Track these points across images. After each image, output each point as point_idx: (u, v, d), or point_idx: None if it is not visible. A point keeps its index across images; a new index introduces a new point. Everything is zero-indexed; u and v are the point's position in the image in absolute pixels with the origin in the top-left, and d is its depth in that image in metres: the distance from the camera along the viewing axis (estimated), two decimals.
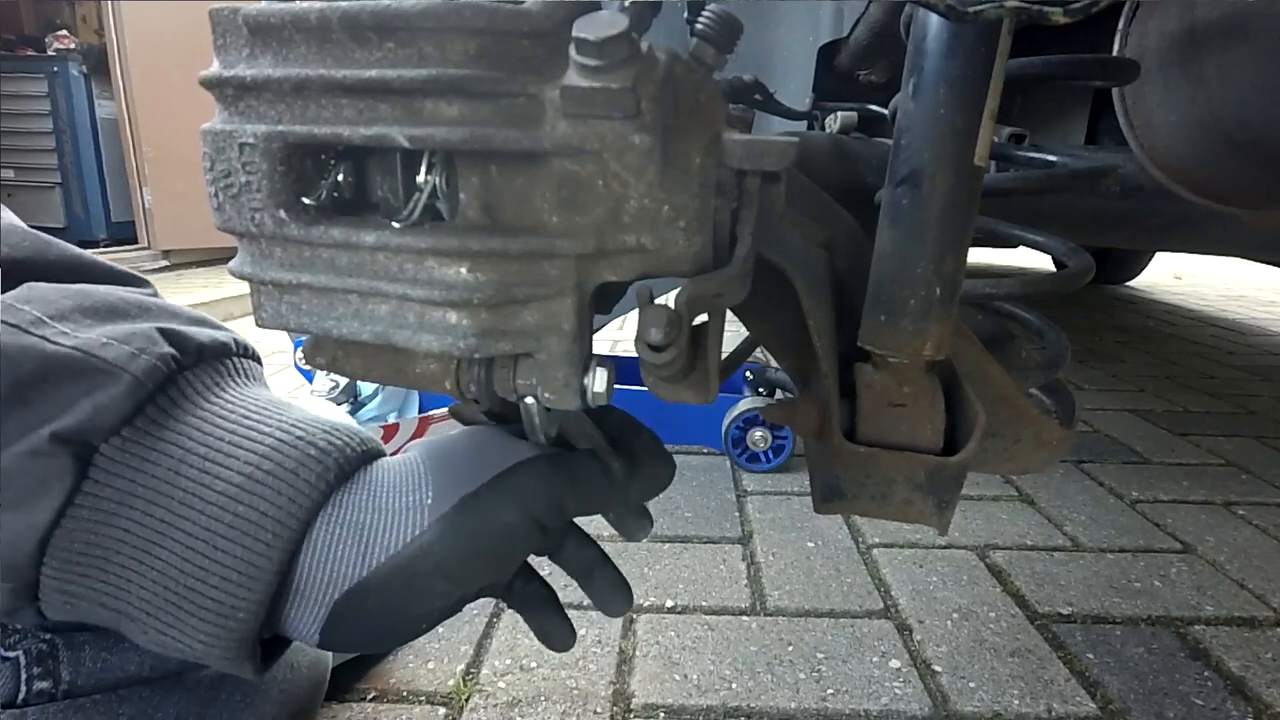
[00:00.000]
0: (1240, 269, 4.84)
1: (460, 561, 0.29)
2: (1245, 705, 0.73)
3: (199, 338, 0.32)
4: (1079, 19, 0.27)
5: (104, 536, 0.27)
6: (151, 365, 0.29)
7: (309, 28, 0.23)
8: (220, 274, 3.52)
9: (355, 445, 0.32)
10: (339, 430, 0.32)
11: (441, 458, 0.32)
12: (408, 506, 0.30)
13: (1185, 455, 1.44)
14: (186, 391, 0.30)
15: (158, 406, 0.29)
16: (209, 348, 0.32)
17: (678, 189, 0.24)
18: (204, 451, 0.29)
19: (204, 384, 0.31)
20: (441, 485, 0.31)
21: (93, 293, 0.32)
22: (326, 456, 0.30)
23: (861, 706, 0.71)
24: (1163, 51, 0.55)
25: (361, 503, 0.30)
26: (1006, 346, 0.48)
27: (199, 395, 0.31)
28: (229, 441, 0.29)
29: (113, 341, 0.29)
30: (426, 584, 0.29)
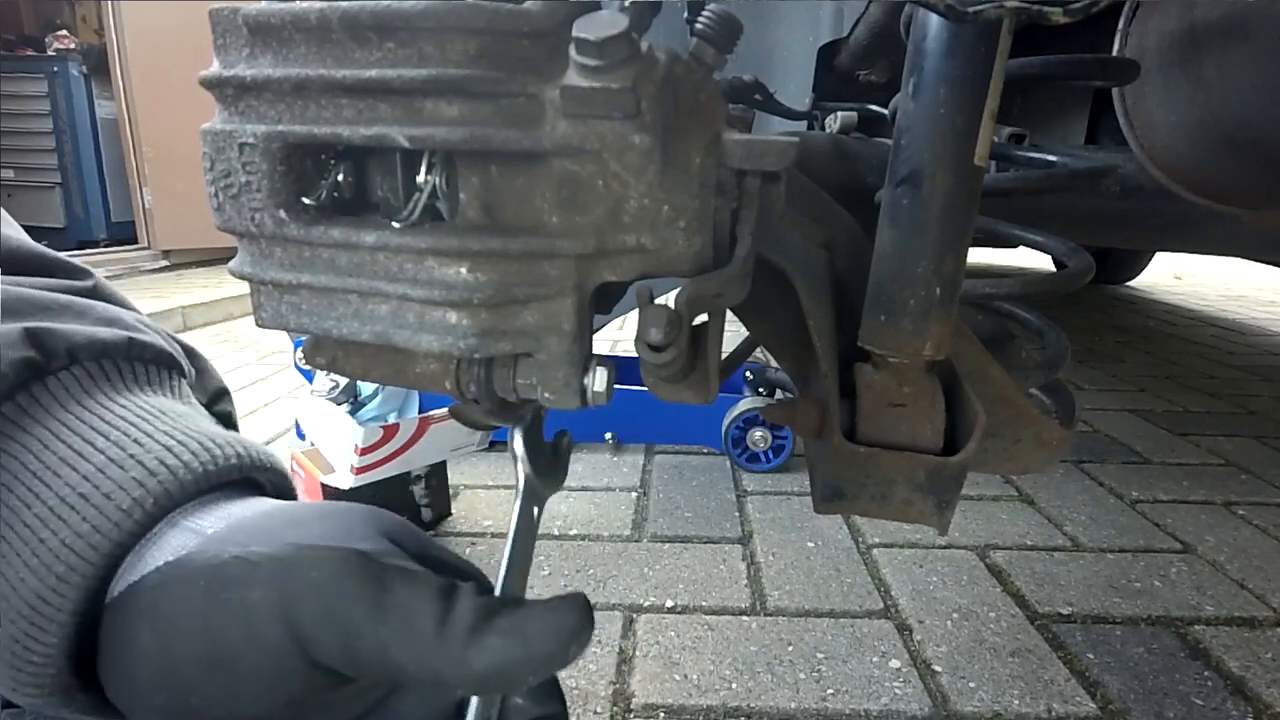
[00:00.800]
0: (1240, 269, 4.84)
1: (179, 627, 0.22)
2: (1245, 705, 0.73)
3: (74, 339, 0.28)
4: (1079, 19, 0.27)
5: None
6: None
7: (309, 28, 0.23)
8: (220, 274, 3.52)
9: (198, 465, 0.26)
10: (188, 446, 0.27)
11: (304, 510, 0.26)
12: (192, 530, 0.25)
13: (1185, 455, 1.43)
14: (43, 399, 0.27)
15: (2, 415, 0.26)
16: (86, 349, 0.29)
17: (678, 189, 0.24)
18: (36, 468, 0.25)
19: (69, 391, 0.28)
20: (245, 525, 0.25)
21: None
22: (151, 478, 0.25)
23: (861, 706, 0.71)
24: (1163, 51, 0.55)
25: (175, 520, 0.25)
26: (1006, 346, 0.48)
27: (58, 404, 0.27)
28: (61, 457, 0.25)
29: None
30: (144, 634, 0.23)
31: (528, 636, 0.22)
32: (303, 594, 0.22)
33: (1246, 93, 0.50)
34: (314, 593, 0.22)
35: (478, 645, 0.21)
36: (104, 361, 0.29)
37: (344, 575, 0.22)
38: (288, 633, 0.22)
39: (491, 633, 0.21)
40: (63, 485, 0.24)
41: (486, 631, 0.21)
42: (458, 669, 0.21)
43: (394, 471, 0.98)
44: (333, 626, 0.21)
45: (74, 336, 0.28)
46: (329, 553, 0.23)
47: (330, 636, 0.21)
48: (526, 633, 0.22)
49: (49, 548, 0.24)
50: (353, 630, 0.21)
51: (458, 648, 0.21)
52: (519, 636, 0.22)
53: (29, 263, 0.33)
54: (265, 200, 0.24)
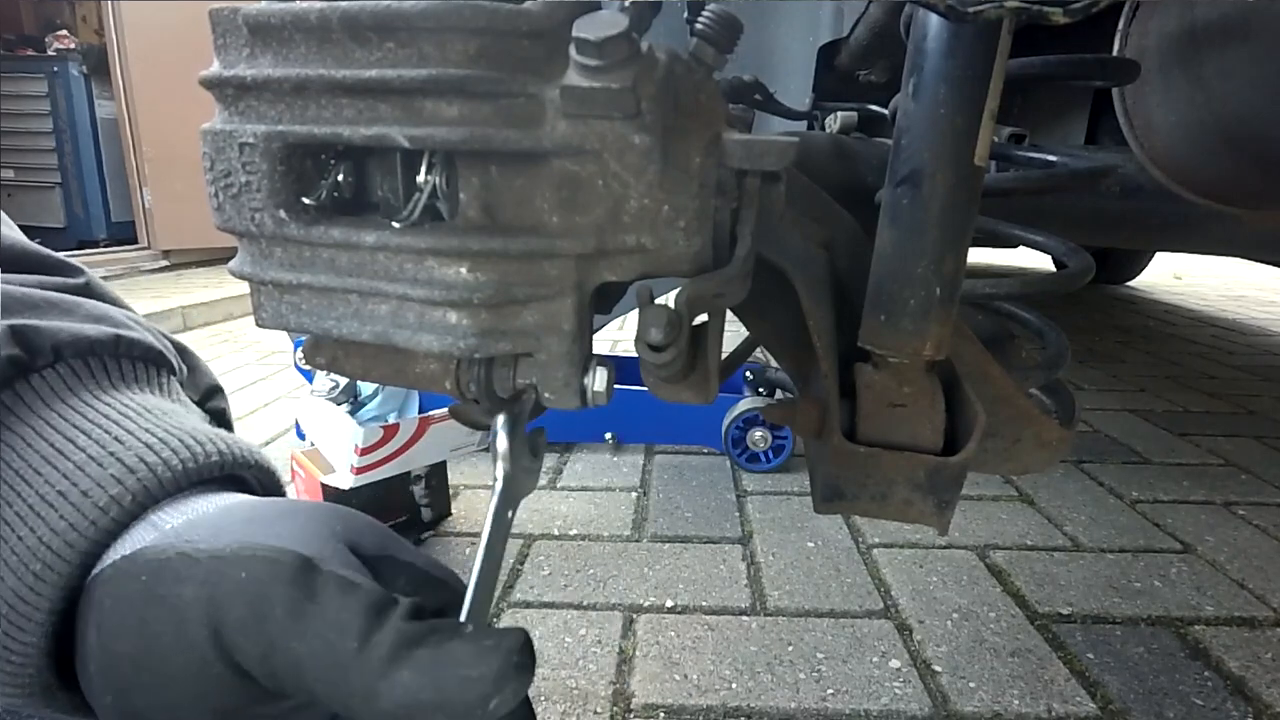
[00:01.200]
0: (1240, 269, 4.84)
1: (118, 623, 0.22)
2: (1245, 705, 0.73)
3: (60, 336, 0.28)
4: (1079, 19, 0.27)
5: None
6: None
7: (309, 28, 0.23)
8: (220, 274, 3.52)
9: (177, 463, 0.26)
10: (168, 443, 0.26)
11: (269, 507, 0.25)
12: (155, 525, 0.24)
13: (1185, 455, 1.43)
14: (27, 396, 0.27)
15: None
16: (71, 346, 0.28)
17: (678, 189, 0.24)
18: (19, 466, 0.25)
19: (54, 388, 0.28)
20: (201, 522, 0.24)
21: None
22: (130, 475, 0.25)
23: (861, 706, 0.71)
24: (1163, 51, 0.55)
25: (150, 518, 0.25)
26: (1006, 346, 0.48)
27: (42, 401, 0.27)
28: (44, 455, 0.25)
29: None
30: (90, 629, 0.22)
31: (443, 678, 0.19)
32: (230, 595, 0.20)
33: (1246, 93, 0.50)
34: (240, 595, 0.20)
35: (390, 679, 0.19)
36: (90, 359, 0.29)
37: (273, 579, 0.21)
38: (212, 636, 0.20)
39: (407, 666, 0.19)
40: (42, 483, 0.24)
41: (403, 663, 0.19)
42: (366, 702, 0.19)
43: (394, 471, 0.98)
44: (253, 633, 0.20)
45: (59, 334, 0.28)
46: (265, 553, 0.21)
47: (250, 644, 0.20)
48: (443, 674, 0.19)
49: (27, 545, 0.23)
50: (270, 640, 0.20)
51: (371, 677, 0.19)
52: (433, 676, 0.19)
53: (21, 260, 0.33)
54: (265, 200, 0.24)
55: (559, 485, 1.24)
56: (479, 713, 0.19)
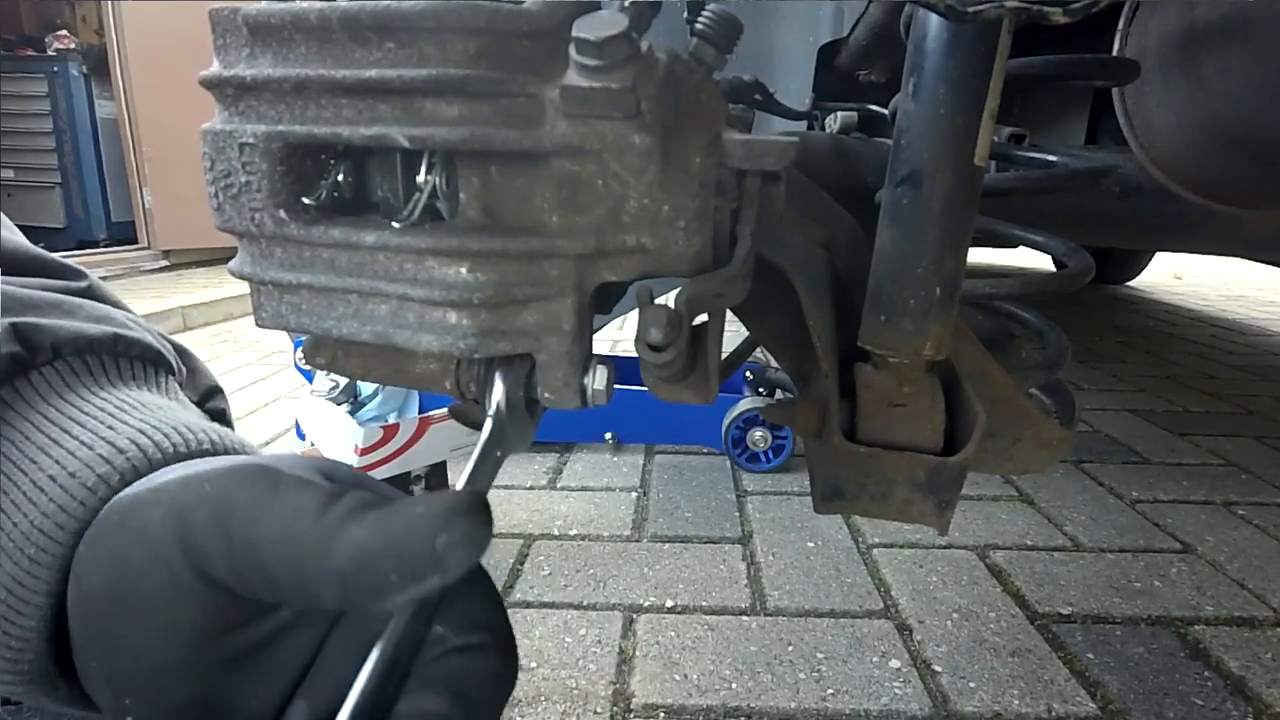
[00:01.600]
0: (1240, 269, 4.84)
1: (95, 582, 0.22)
2: (1245, 705, 0.73)
3: (59, 334, 0.29)
4: (1079, 19, 0.27)
5: None
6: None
7: (309, 28, 0.23)
8: (220, 274, 3.52)
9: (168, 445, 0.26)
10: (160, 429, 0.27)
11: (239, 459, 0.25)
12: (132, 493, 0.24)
13: (1185, 455, 1.43)
14: (26, 393, 0.27)
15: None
16: (70, 344, 0.29)
17: (678, 189, 0.24)
18: (16, 457, 0.25)
19: (52, 384, 0.28)
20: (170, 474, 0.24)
21: None
22: (119, 455, 0.25)
23: (861, 706, 0.71)
24: (1163, 51, 0.55)
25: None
26: (1006, 346, 0.48)
27: (40, 397, 0.27)
28: (39, 446, 0.26)
29: None
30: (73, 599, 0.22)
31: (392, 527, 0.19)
32: (195, 507, 0.21)
33: (1246, 93, 0.50)
34: (205, 504, 0.21)
35: (340, 538, 0.19)
36: (88, 356, 0.30)
37: (234, 483, 0.21)
38: (180, 546, 0.21)
39: (357, 524, 0.19)
40: (36, 470, 0.25)
41: (352, 523, 0.20)
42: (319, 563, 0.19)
43: (394, 472, 0.98)
44: (216, 534, 0.20)
45: (59, 332, 0.29)
46: (229, 465, 0.22)
47: (213, 544, 0.20)
48: (391, 523, 0.19)
49: (21, 531, 0.24)
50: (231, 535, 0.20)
51: (323, 540, 0.19)
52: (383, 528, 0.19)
53: (25, 264, 0.34)
54: (265, 200, 0.24)
55: (559, 485, 1.24)
56: (427, 555, 0.19)
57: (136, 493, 0.23)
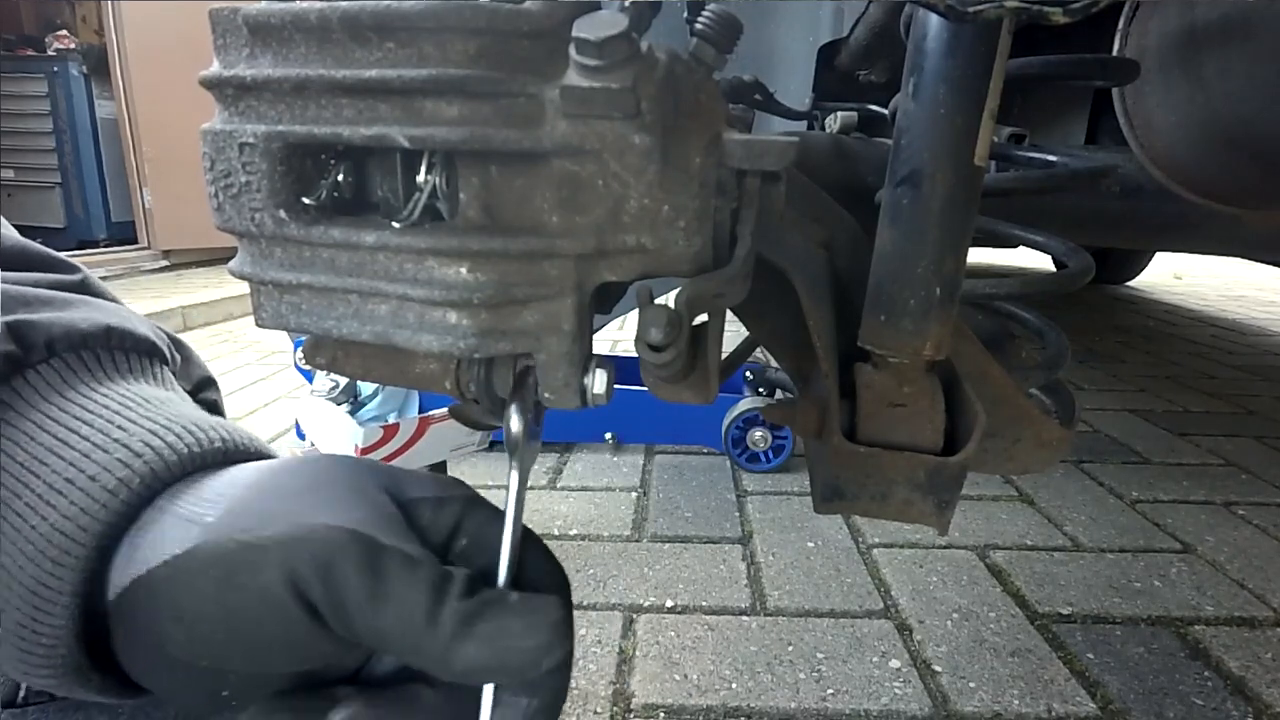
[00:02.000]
0: (1240, 269, 4.84)
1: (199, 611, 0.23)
2: (1245, 705, 0.73)
3: (53, 330, 0.29)
4: (1079, 19, 0.27)
5: None
6: None
7: (309, 28, 0.23)
8: (220, 274, 3.52)
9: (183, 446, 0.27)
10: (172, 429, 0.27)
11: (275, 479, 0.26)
12: (191, 519, 0.25)
13: (1185, 455, 1.44)
14: (24, 392, 0.27)
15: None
16: (63, 340, 0.29)
17: (678, 189, 0.24)
18: (23, 458, 0.26)
19: (49, 382, 0.28)
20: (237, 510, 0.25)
21: None
22: (137, 459, 0.26)
23: (861, 706, 0.71)
24: (1163, 51, 0.55)
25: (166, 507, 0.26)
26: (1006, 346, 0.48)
27: (39, 396, 0.28)
28: (46, 446, 0.26)
29: None
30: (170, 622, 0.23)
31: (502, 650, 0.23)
32: (309, 576, 0.23)
33: (1246, 93, 0.50)
34: (318, 575, 0.23)
35: (457, 650, 0.23)
36: (83, 352, 0.30)
37: (344, 560, 0.23)
38: (301, 607, 0.23)
39: (471, 639, 0.23)
40: (49, 473, 0.25)
41: (467, 637, 0.23)
42: (441, 666, 0.23)
43: None
44: (336, 607, 0.23)
45: (52, 328, 0.29)
46: (330, 534, 0.23)
47: (334, 616, 0.23)
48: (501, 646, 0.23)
49: (40, 533, 0.24)
50: (352, 613, 0.23)
51: (441, 648, 0.23)
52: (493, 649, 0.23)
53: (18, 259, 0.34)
54: (265, 200, 0.24)
55: (559, 485, 1.24)
56: (532, 672, 0.23)
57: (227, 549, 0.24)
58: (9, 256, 0.33)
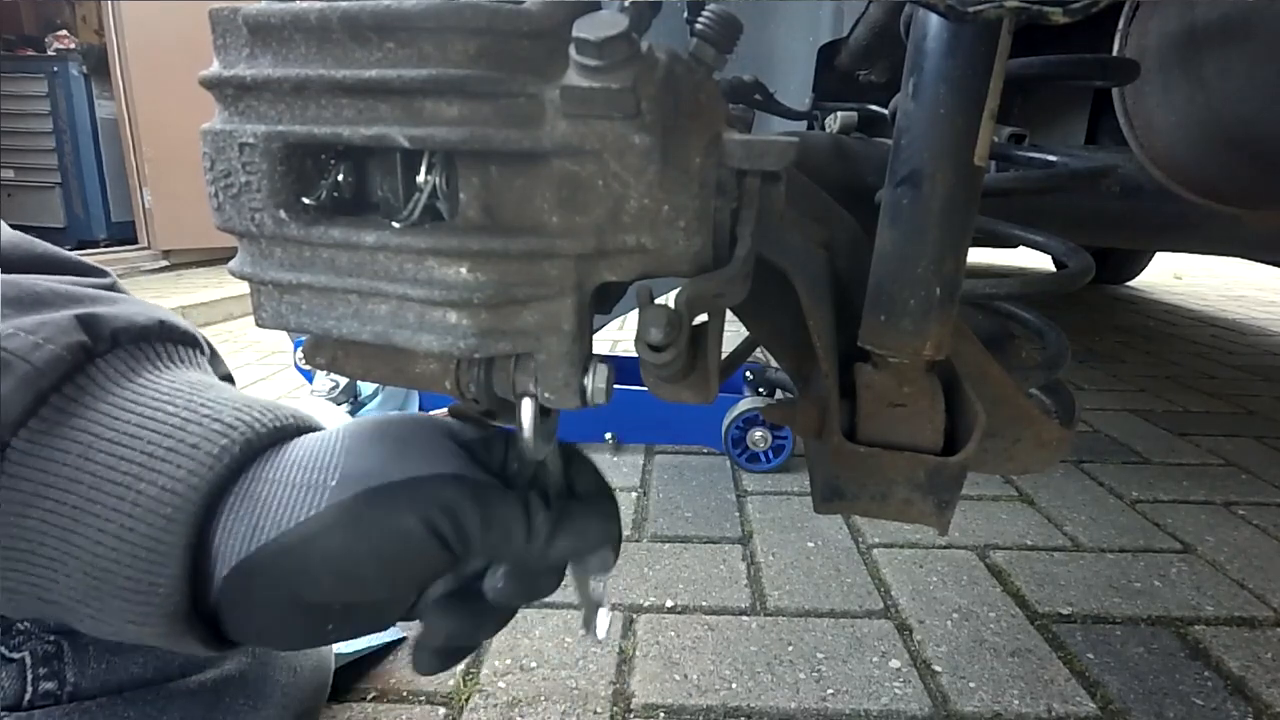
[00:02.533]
0: (1240, 269, 4.84)
1: (349, 556, 0.28)
2: (1245, 705, 0.73)
3: (115, 323, 0.32)
4: (1079, 19, 0.27)
5: (25, 529, 0.27)
6: (54, 355, 0.28)
7: (309, 28, 0.23)
8: (220, 274, 3.52)
9: (268, 420, 0.31)
10: (252, 407, 0.31)
11: (364, 442, 0.30)
12: (309, 484, 0.29)
13: (1185, 455, 1.43)
14: (98, 378, 0.30)
15: (65, 395, 0.29)
16: (125, 332, 0.32)
17: (678, 189, 0.24)
18: (112, 435, 0.28)
19: (118, 370, 0.31)
20: (352, 471, 0.29)
21: (20, 283, 0.31)
22: (232, 430, 0.29)
23: (861, 706, 0.71)
24: (1163, 51, 0.55)
25: (266, 476, 0.29)
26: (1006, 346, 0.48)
27: (111, 381, 0.30)
28: (135, 424, 0.29)
29: (19, 332, 0.29)
30: (313, 573, 0.28)
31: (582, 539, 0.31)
32: (438, 514, 0.28)
33: (1246, 93, 0.50)
34: (445, 513, 0.28)
35: (552, 548, 0.30)
36: (142, 344, 0.33)
37: (462, 498, 0.29)
38: (435, 540, 0.28)
39: (560, 537, 0.30)
40: (145, 444, 0.28)
41: (556, 537, 0.30)
42: (541, 562, 0.31)
43: None
44: (461, 535, 0.29)
45: (115, 321, 0.32)
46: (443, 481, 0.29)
47: (459, 541, 0.29)
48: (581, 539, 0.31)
49: (149, 496, 0.27)
50: (473, 539, 0.29)
51: (538, 552, 0.30)
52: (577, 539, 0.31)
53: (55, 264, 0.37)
54: (265, 200, 0.24)
55: None
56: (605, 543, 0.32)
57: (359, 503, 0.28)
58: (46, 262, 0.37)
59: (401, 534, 0.28)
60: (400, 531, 0.28)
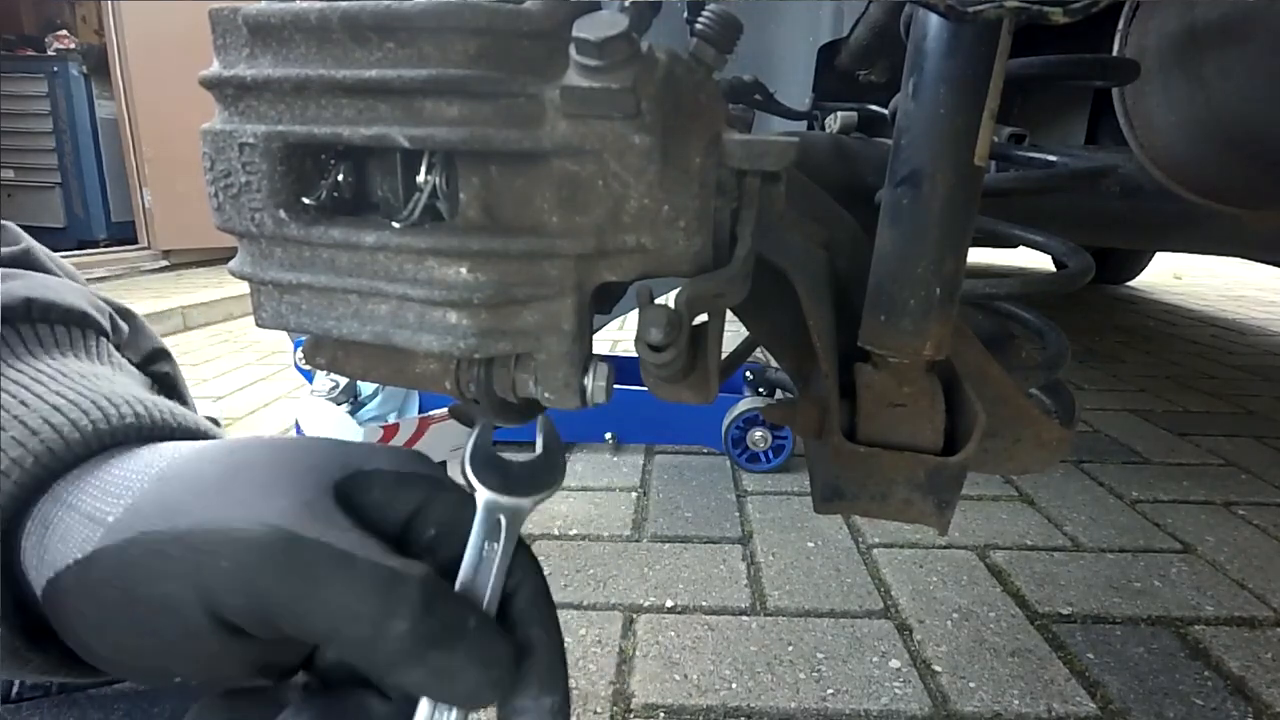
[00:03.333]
0: (1240, 269, 4.84)
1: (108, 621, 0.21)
2: (1245, 705, 0.73)
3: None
4: (1079, 19, 0.27)
5: None
6: None
7: (309, 28, 0.22)
8: (220, 274, 3.52)
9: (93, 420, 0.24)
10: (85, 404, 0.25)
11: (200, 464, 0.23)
12: (93, 516, 0.22)
13: (1185, 455, 1.43)
14: None
15: None
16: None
17: (678, 189, 0.24)
18: None
19: None
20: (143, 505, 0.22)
21: None
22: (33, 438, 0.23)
23: (861, 706, 0.71)
24: (1163, 51, 0.55)
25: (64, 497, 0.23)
26: (1006, 346, 0.48)
27: None
28: None
29: None
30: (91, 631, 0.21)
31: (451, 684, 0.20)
32: (220, 586, 0.20)
33: (1246, 93, 0.50)
34: (229, 586, 0.20)
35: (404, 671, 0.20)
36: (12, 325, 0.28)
37: (262, 565, 0.20)
38: (212, 620, 0.20)
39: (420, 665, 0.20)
40: None
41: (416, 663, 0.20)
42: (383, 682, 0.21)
43: None
44: (260, 619, 0.20)
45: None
46: (242, 536, 0.20)
47: (257, 624, 0.20)
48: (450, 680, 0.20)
49: None
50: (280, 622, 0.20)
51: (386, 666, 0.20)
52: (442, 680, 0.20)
53: None
54: (265, 200, 0.24)
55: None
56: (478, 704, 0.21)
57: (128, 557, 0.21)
58: None
59: (165, 605, 0.20)
60: (163, 601, 0.20)
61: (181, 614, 0.20)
